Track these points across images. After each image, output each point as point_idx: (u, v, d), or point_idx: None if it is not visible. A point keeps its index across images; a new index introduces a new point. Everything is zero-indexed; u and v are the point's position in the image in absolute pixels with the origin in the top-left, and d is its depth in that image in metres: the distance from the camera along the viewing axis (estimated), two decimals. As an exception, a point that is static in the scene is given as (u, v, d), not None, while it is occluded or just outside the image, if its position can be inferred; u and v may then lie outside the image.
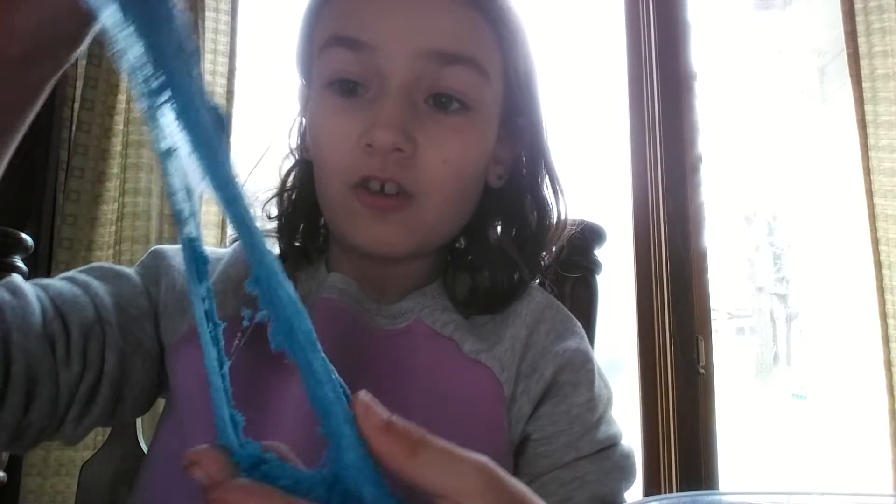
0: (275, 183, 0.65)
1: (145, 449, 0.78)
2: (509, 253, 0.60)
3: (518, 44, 0.57)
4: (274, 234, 0.62)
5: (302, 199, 0.63)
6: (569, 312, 0.62)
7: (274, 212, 0.64)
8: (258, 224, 0.27)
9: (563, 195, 0.63)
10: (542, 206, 0.63)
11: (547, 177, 0.63)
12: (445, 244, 0.61)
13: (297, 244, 0.62)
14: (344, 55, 0.53)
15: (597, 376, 0.58)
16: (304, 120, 0.64)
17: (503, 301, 0.59)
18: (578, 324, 0.61)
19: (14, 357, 0.45)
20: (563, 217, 0.63)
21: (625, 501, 0.54)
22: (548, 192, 0.63)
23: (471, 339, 0.56)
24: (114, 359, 0.51)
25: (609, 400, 0.59)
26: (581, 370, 0.57)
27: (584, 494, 0.52)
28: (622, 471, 0.55)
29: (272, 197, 0.64)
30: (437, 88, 0.53)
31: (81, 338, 0.49)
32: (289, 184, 0.64)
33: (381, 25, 0.52)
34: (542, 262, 0.64)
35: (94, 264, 0.58)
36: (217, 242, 1.52)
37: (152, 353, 0.55)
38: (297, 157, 0.64)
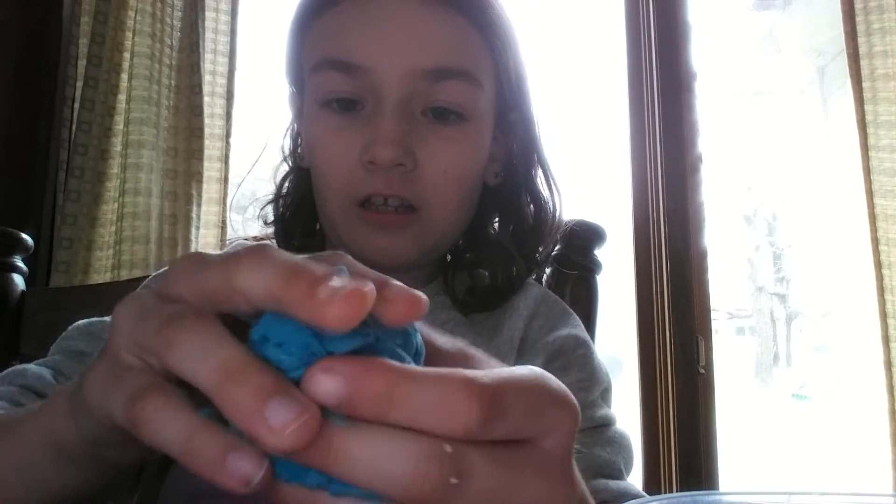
0: (271, 182, 0.66)
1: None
2: (507, 247, 0.61)
3: (508, 44, 0.57)
4: (271, 239, 0.63)
5: (298, 205, 0.63)
6: (565, 305, 0.63)
7: (270, 217, 0.64)
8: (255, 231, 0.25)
9: (557, 188, 0.64)
10: (537, 200, 0.63)
11: (540, 170, 0.63)
12: (449, 247, 0.61)
13: (294, 243, 0.62)
14: (337, 77, 0.53)
15: (593, 360, 0.58)
16: (296, 127, 0.64)
17: (501, 299, 0.59)
18: (574, 315, 0.62)
19: None
20: (558, 209, 0.64)
21: (624, 478, 0.52)
22: (542, 185, 0.64)
23: (470, 334, 0.56)
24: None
25: (607, 388, 0.58)
26: (573, 354, 0.57)
27: (577, 465, 0.51)
28: (617, 445, 0.53)
29: (268, 203, 0.64)
30: (434, 103, 0.53)
31: None
32: (284, 190, 0.64)
33: (372, 46, 0.52)
34: (540, 257, 0.65)
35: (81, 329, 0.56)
36: (217, 242, 1.52)
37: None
38: (290, 164, 0.65)
